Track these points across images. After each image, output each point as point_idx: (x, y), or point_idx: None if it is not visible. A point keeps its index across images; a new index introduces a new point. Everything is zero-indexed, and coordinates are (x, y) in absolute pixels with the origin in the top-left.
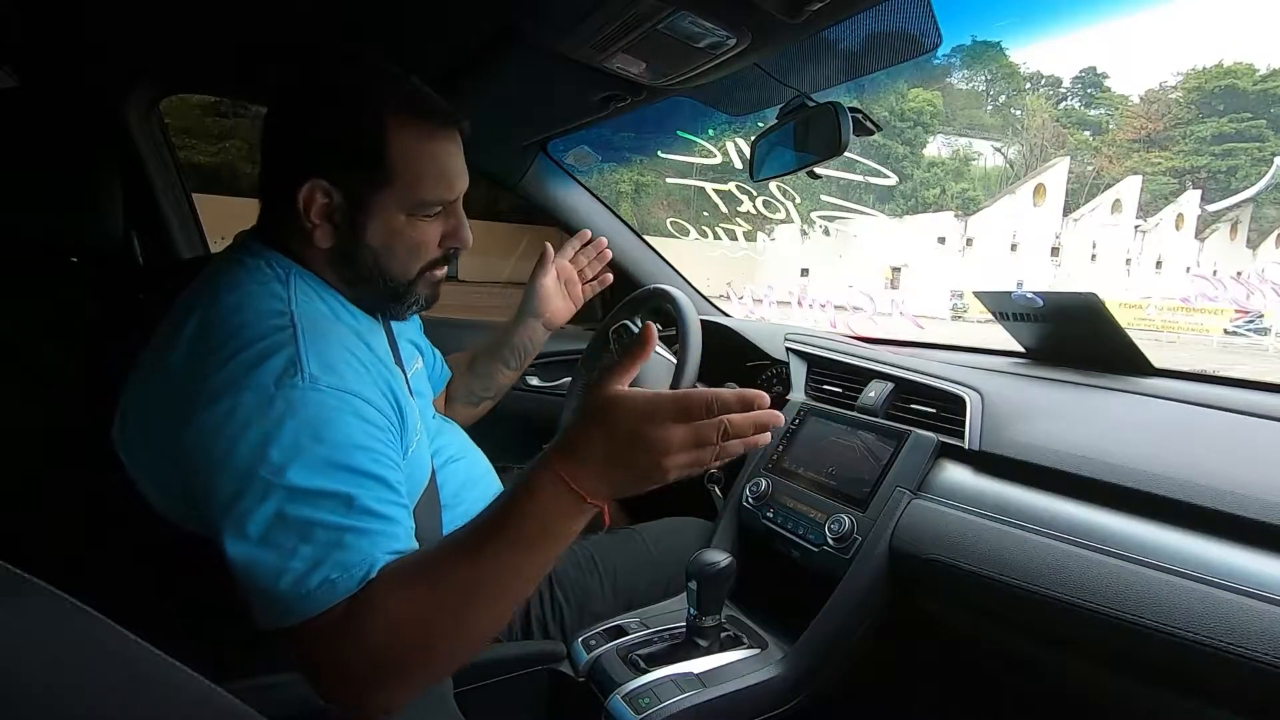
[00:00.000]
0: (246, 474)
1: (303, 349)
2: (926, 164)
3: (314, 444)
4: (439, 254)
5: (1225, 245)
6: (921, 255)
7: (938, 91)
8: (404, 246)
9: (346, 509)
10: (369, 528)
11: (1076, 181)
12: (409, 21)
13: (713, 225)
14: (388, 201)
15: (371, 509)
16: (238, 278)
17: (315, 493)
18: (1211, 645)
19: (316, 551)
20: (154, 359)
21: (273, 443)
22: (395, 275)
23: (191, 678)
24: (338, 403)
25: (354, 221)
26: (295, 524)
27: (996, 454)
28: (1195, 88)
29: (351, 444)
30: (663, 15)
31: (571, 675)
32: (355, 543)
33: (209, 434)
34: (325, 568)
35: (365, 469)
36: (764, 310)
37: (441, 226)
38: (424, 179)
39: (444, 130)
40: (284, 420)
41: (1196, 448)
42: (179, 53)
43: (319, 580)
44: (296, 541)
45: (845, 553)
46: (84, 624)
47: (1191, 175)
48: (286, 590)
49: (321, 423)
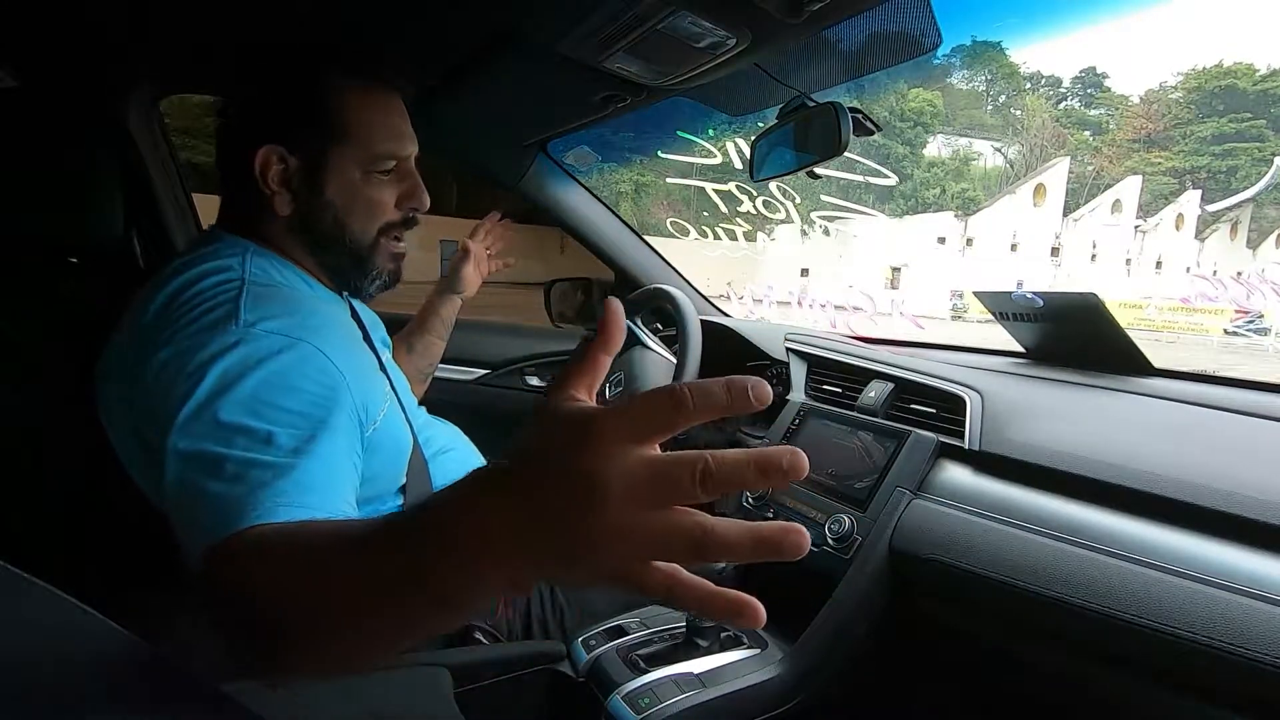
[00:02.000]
0: (178, 414)
1: (242, 303)
2: (926, 164)
3: (238, 381)
4: (397, 216)
5: (1225, 245)
6: (921, 255)
7: (938, 91)
8: (362, 204)
9: (264, 445)
10: (278, 461)
11: (1076, 181)
12: (409, 21)
13: (713, 225)
14: (343, 159)
15: (289, 446)
16: (195, 261)
17: (233, 428)
18: (1211, 645)
19: (226, 486)
20: (116, 347)
21: (201, 382)
22: (356, 236)
23: (193, 676)
24: (270, 344)
25: (312, 183)
26: (208, 460)
27: (996, 454)
28: (1195, 88)
29: (283, 384)
30: (663, 15)
31: (571, 675)
32: (260, 476)
33: (151, 386)
34: (234, 503)
35: (290, 408)
36: (764, 310)
37: (397, 187)
38: (375, 134)
39: (388, 91)
40: (214, 361)
41: (1196, 448)
42: (179, 53)
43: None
44: (206, 478)
45: (845, 553)
46: (85, 623)
47: (1191, 175)
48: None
49: (253, 361)
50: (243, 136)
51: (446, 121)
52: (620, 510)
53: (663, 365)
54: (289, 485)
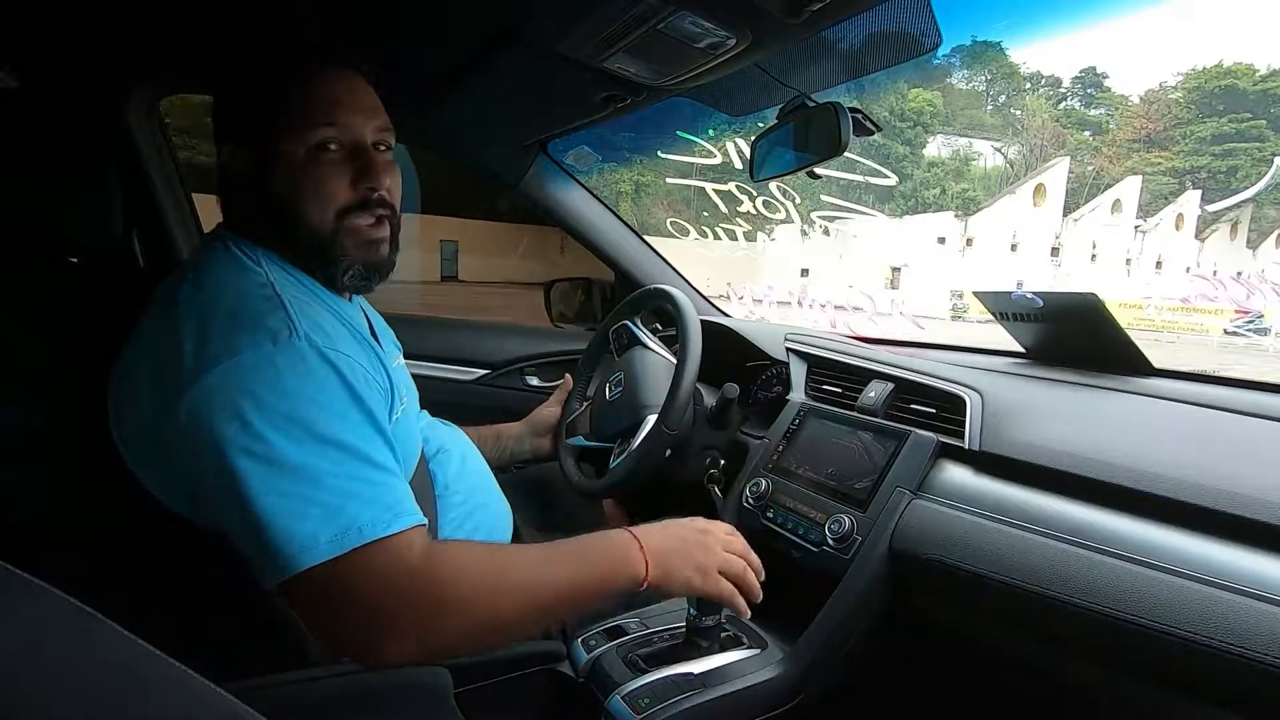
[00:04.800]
0: (261, 425)
1: (293, 314)
2: (927, 164)
3: (320, 394)
4: (353, 199)
5: (1225, 245)
6: (921, 255)
7: (938, 91)
8: (309, 186)
9: (357, 460)
10: (380, 479)
11: (1076, 181)
12: (409, 21)
13: (713, 225)
14: (286, 144)
15: (376, 460)
16: (214, 265)
17: (329, 441)
18: (1211, 645)
19: (335, 498)
20: (138, 351)
21: (281, 394)
22: (313, 223)
23: (193, 678)
24: (335, 360)
25: (263, 174)
26: (309, 472)
27: (996, 454)
28: (1195, 88)
29: (354, 397)
30: (663, 15)
31: (571, 675)
32: (369, 491)
33: (208, 399)
34: (344, 516)
35: (371, 418)
36: (764, 310)
37: (348, 167)
38: (317, 113)
39: (335, 66)
40: (286, 374)
41: (1196, 448)
42: (179, 53)
43: (340, 526)
44: (312, 489)
45: (845, 553)
46: (85, 625)
47: (1191, 175)
48: (304, 535)
49: (321, 377)
50: (215, 135)
51: (447, 121)
52: (716, 543)
53: (663, 365)
54: (389, 497)
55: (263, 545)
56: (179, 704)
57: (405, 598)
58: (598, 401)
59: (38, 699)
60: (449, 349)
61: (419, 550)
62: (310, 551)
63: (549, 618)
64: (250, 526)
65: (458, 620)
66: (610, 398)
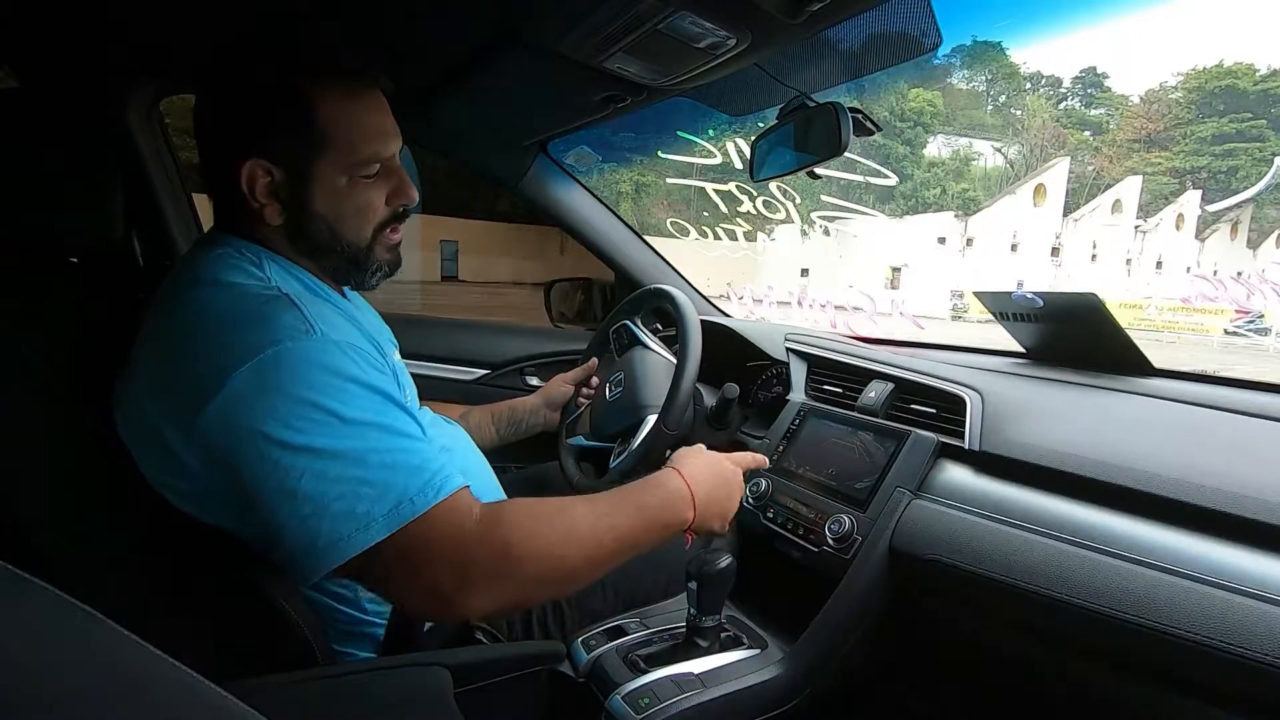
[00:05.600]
0: (295, 418)
1: (306, 312)
2: (927, 164)
3: (346, 383)
4: (388, 214)
5: (1226, 245)
6: (922, 255)
7: (938, 92)
8: (352, 210)
9: (393, 435)
10: (417, 448)
11: (1076, 181)
12: (409, 21)
13: (713, 225)
14: (326, 168)
15: (408, 432)
16: (214, 266)
17: (363, 423)
18: (1209, 644)
19: (381, 474)
20: (146, 354)
21: (308, 387)
22: (351, 241)
23: (193, 678)
24: (354, 354)
25: (299, 194)
26: (352, 454)
27: (996, 454)
28: (1196, 88)
29: (375, 383)
30: (663, 15)
31: (572, 675)
32: (411, 460)
33: (237, 401)
34: (394, 490)
35: (394, 400)
36: (764, 310)
37: (385, 186)
38: (356, 138)
39: (366, 89)
40: (308, 368)
41: (1196, 448)
42: (180, 52)
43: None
44: (357, 469)
45: (845, 553)
46: (85, 625)
47: (1192, 175)
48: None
49: (344, 365)
50: (225, 144)
51: (447, 122)
52: (738, 488)
53: (663, 365)
54: (432, 464)
55: (318, 533)
56: (179, 704)
57: (472, 556)
58: (598, 401)
59: (37, 700)
60: (449, 349)
61: (477, 512)
62: (370, 529)
63: (612, 564)
64: (302, 517)
65: (528, 571)
66: (610, 398)
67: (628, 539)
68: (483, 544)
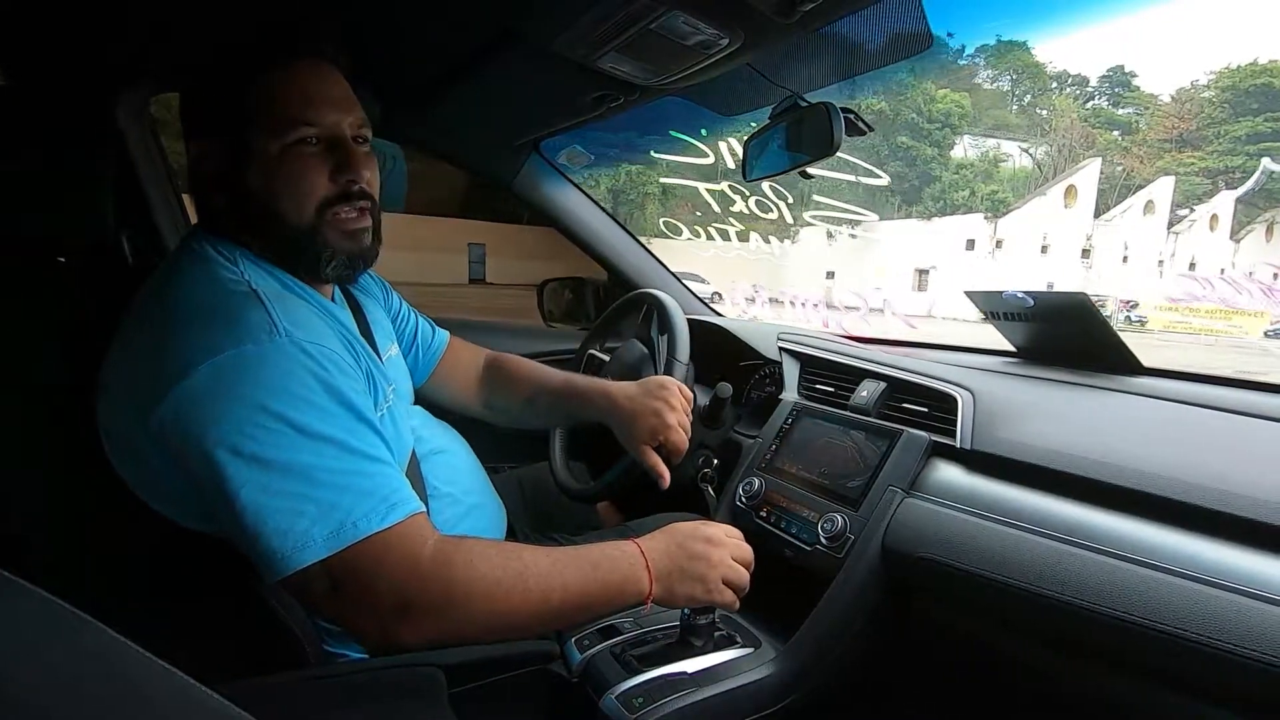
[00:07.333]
0: (247, 424)
1: (273, 311)
2: (955, 166)
3: (308, 391)
4: (334, 191)
5: (1261, 246)
6: (950, 257)
7: (965, 92)
8: (285, 181)
9: (348, 454)
10: (373, 470)
11: (1106, 182)
12: (405, 21)
13: (735, 228)
14: (258, 140)
15: (368, 452)
16: (190, 265)
17: (319, 437)
18: (1201, 642)
19: (328, 494)
20: (120, 353)
21: (266, 393)
22: (292, 219)
23: (186, 682)
24: (321, 358)
25: (236, 171)
26: (301, 469)
27: (988, 453)
28: (1229, 86)
29: (341, 390)
30: (656, 15)
31: (565, 675)
32: (362, 483)
33: (192, 401)
34: (339, 511)
35: (357, 412)
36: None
37: (328, 160)
38: (289, 105)
39: (303, 59)
40: (269, 372)
41: (1187, 446)
42: (172, 51)
43: (335, 522)
44: (305, 486)
45: (838, 552)
46: (78, 629)
47: (1225, 176)
48: (300, 532)
49: (307, 372)
50: (185, 135)
51: (440, 121)
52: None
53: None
54: (384, 488)
55: (259, 545)
56: (169, 706)
57: (416, 586)
58: None
59: (29, 704)
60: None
61: (431, 543)
62: (307, 549)
63: (558, 620)
64: (245, 526)
65: (472, 610)
66: None
67: (577, 598)
68: (430, 577)
